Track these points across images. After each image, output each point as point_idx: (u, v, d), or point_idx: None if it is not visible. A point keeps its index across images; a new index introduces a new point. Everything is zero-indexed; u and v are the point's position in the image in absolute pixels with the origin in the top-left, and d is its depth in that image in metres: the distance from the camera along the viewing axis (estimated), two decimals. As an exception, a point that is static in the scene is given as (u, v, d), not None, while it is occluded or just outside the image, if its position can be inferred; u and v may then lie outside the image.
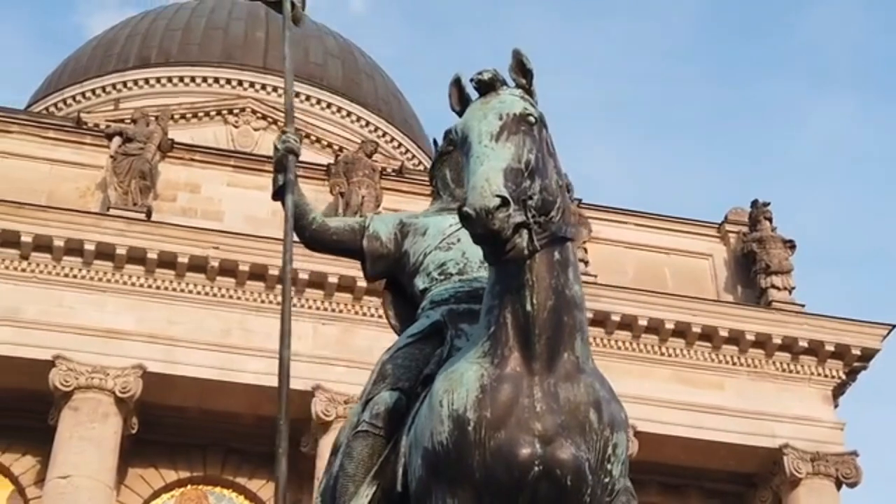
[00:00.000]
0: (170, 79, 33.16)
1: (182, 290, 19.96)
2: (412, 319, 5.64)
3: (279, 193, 5.95)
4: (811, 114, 76.10)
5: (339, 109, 34.43)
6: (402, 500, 4.99)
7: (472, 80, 4.99)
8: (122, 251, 19.72)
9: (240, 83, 33.19)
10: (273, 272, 19.90)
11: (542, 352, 4.79)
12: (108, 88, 33.43)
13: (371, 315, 20.47)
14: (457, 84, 5.07)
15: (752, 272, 23.46)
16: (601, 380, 4.95)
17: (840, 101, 75.52)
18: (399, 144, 35.64)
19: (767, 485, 21.86)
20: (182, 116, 31.08)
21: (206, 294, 19.99)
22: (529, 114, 4.85)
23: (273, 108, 31.79)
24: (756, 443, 21.51)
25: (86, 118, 28.60)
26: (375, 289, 20.67)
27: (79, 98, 33.69)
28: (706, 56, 77.80)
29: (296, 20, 6.66)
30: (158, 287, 19.91)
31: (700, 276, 23.85)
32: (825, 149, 73.88)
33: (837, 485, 21.46)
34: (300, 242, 6.01)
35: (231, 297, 20.01)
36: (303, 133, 31.99)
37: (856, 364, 22.57)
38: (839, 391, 22.73)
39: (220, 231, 20.32)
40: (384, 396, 5.27)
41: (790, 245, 23.64)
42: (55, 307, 19.37)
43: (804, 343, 22.26)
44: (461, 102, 5.03)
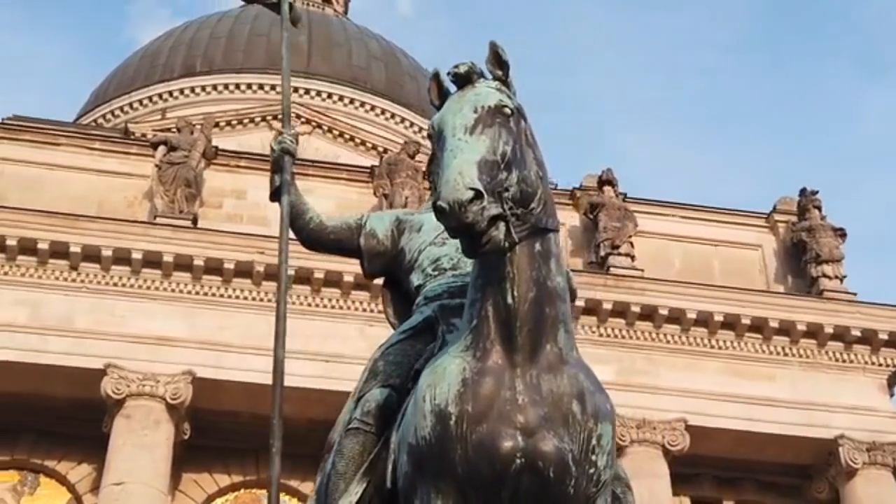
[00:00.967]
0: (215, 87, 33.45)
1: (230, 296, 20.13)
2: (410, 316, 5.63)
3: (276, 194, 5.96)
4: (861, 102, 75.24)
5: (383, 111, 34.54)
6: (393, 497, 4.99)
7: (449, 74, 4.96)
8: (170, 258, 19.92)
9: (284, 89, 33.36)
10: (319, 276, 20.02)
11: (524, 344, 4.77)
12: (155, 98, 33.80)
13: (418, 315, 20.54)
14: (435, 78, 5.04)
15: (803, 262, 23.20)
16: (586, 371, 4.91)
17: (891, 88, 74.50)
18: (443, 145, 35.64)
19: (823, 476, 21.60)
20: (228, 123, 31.33)
21: (254, 299, 20.13)
22: (504, 105, 4.81)
23: (317, 112, 31.97)
24: (810, 434, 21.25)
25: (133, 129, 28.97)
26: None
27: (126, 109, 34.08)
28: (756, 46, 77.12)
29: (294, 21, 6.66)
30: (206, 293, 20.09)
31: (749, 268, 23.61)
32: (875, 136, 72.97)
33: (895, 474, 21.20)
34: (298, 242, 6.02)
35: (276, 302, 20.10)
36: (347, 136, 32.21)
37: (911, 352, 22.26)
38: (895, 380, 22.43)
39: (266, 236, 20.43)
40: (375, 394, 5.27)
41: (840, 233, 23.33)
42: (106, 316, 19.60)
43: (857, 332, 21.97)
44: (440, 97, 5.00)
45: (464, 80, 4.92)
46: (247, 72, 33.72)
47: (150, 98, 33.91)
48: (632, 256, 22.19)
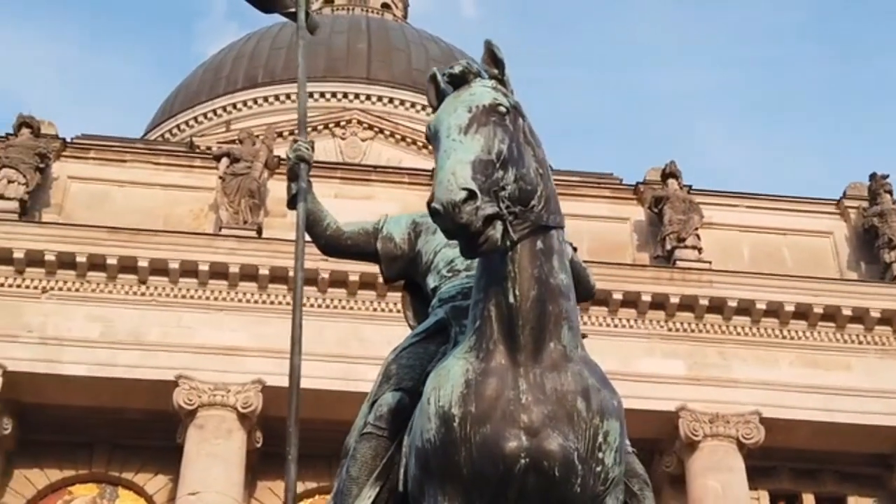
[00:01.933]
0: (277, 97, 33.75)
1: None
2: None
3: (292, 202, 5.92)
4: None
5: (444, 114, 34.54)
6: (406, 500, 4.97)
7: (444, 75, 4.93)
8: (235, 269, 20.10)
9: (345, 95, 33.62)
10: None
11: (527, 343, 4.72)
12: (219, 111, 34.18)
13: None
14: (433, 80, 5.00)
15: (875, 247, 22.77)
16: (591, 367, 4.84)
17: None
18: (506, 143, 35.62)
19: (905, 465, 21.17)
20: (291, 133, 31.57)
21: (320, 306, 20.23)
22: (499, 104, 4.76)
23: (379, 118, 32.10)
24: (891, 423, 20.82)
25: (198, 142, 29.32)
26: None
27: (191, 123, 34.52)
28: (822, 33, 75.89)
29: (311, 28, 6.63)
30: (272, 302, 20.24)
31: (821, 256, 23.21)
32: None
33: (979, 460, 20.75)
34: (316, 248, 5.99)
35: (344, 308, 20.24)
36: (409, 140, 32.28)
37: None
38: (973, 364, 21.89)
39: (330, 243, 20.56)
40: (387, 398, 5.26)
41: (913, 217, 22.84)
42: (175, 328, 19.83)
43: (933, 317, 21.51)
44: (438, 98, 4.95)
45: (459, 81, 4.88)
46: (308, 81, 33.86)
47: (215, 111, 34.32)
48: (699, 249, 21.93)
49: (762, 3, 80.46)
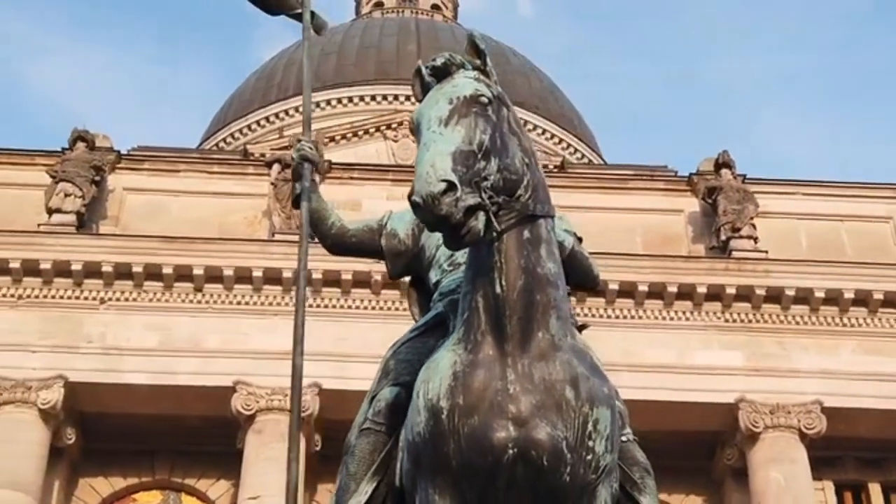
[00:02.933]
0: (328, 101, 33.89)
1: (349, 307, 20.35)
2: None
3: (297, 202, 5.93)
4: None
5: (495, 112, 34.46)
6: (403, 494, 4.97)
7: (427, 68, 4.91)
8: (289, 274, 20.22)
9: (395, 98, 33.67)
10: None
11: (515, 333, 4.70)
12: (272, 118, 34.42)
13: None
14: (418, 74, 4.98)
15: (939, 231, 22.36)
16: (580, 355, 4.80)
17: None
18: (560, 140, 35.47)
19: (973, 451, 20.75)
20: (343, 136, 31.71)
21: (373, 308, 20.31)
22: (481, 94, 4.74)
23: (430, 119, 32.05)
24: (958, 408, 20.42)
25: (252, 149, 29.51)
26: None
27: (245, 131, 34.78)
28: (883, 18, 74.70)
29: (317, 29, 6.61)
30: (326, 305, 20.35)
31: (881, 241, 22.81)
32: None
33: None
34: (323, 247, 5.99)
35: (397, 310, 20.22)
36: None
37: None
38: None
39: (381, 245, 20.61)
40: (385, 393, 5.25)
41: (974, 199, 22.41)
42: (232, 334, 20.00)
43: None
44: (424, 92, 4.93)
45: (442, 73, 4.87)
46: (358, 84, 34.11)
47: (267, 118, 34.55)
48: (754, 238, 21.68)
49: (818, -11, 79.44)
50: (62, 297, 20.36)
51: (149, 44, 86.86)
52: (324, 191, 21.26)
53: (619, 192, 23.29)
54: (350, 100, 34.00)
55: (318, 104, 34.06)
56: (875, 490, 21.14)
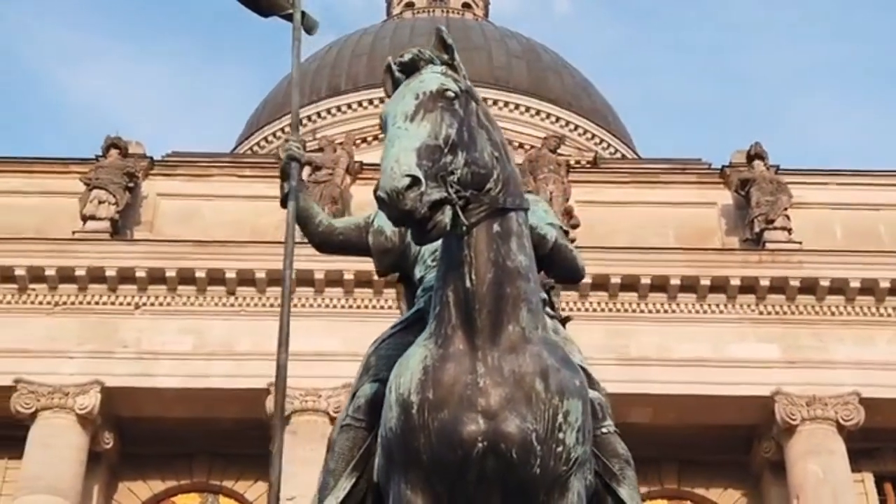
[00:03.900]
0: (360, 103, 33.99)
1: (381, 307, 20.38)
2: None
3: (285, 201, 5.94)
4: None
5: (527, 109, 34.46)
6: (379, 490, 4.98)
7: (396, 64, 4.92)
8: (321, 275, 20.30)
9: (427, 97, 33.66)
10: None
11: (485, 326, 4.72)
12: (304, 121, 34.51)
13: (569, 310, 20.43)
14: (388, 70, 4.99)
15: (975, 218, 22.05)
16: (552, 348, 4.81)
17: None
18: (592, 136, 35.36)
19: None
20: (375, 138, 31.75)
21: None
22: (447, 89, 4.74)
23: (461, 118, 32.06)
24: None
25: (285, 153, 29.60)
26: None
27: (278, 134, 34.94)
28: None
29: (308, 29, 6.66)
30: (358, 306, 20.41)
31: (918, 230, 22.54)
32: None
33: None
34: (311, 246, 6.01)
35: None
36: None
37: None
38: None
39: (413, 244, 20.63)
40: (365, 389, 5.28)
41: None
42: (265, 337, 19.92)
43: None
44: (394, 87, 4.94)
45: (411, 69, 4.88)
46: (391, 86, 34.06)
47: (300, 120, 34.69)
48: (788, 230, 21.51)
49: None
50: (97, 303, 20.56)
51: (186, 49, 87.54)
52: (354, 192, 21.47)
53: (652, 187, 23.18)
54: (381, 100, 33.73)
55: (350, 106, 34.20)
56: (916, 481, 20.92)
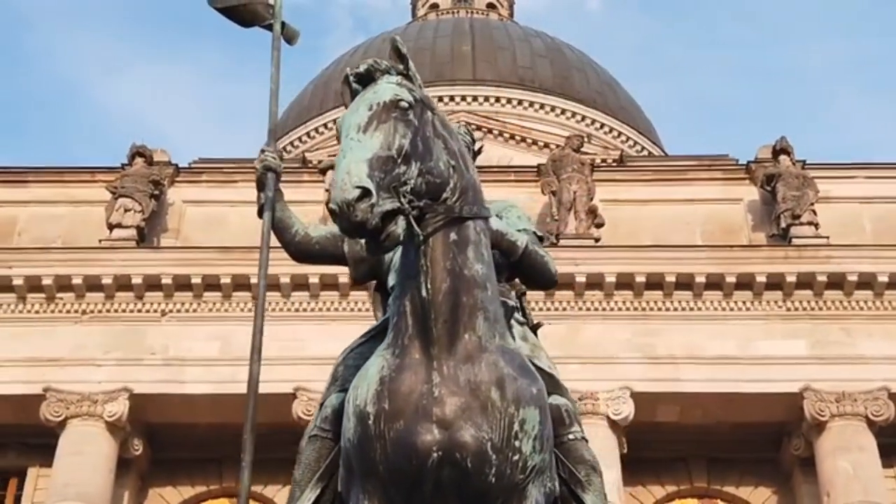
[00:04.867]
0: (384, 106, 33.98)
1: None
2: None
3: (261, 211, 5.99)
4: None
5: (553, 108, 34.37)
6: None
7: (352, 76, 4.92)
8: (345, 279, 20.27)
9: (451, 98, 33.67)
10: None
11: (441, 336, 4.72)
12: (329, 125, 34.60)
13: (594, 309, 20.43)
14: (346, 81, 5.01)
15: None
16: (509, 356, 4.79)
17: None
18: (619, 133, 35.23)
19: None
20: (399, 140, 31.72)
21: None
22: (401, 99, 4.75)
23: (486, 118, 32.04)
24: None
25: (311, 157, 29.67)
26: (598, 283, 20.55)
27: (304, 138, 35.04)
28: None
29: (289, 39, 6.69)
30: (368, 309, 20.37)
31: (948, 222, 22.27)
32: None
33: None
34: (288, 255, 6.07)
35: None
36: (518, 137, 32.16)
37: None
38: None
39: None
40: (332, 399, 5.31)
41: None
42: (290, 341, 20.12)
43: None
44: (353, 98, 4.97)
45: (367, 80, 4.91)
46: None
47: (325, 125, 34.76)
48: (815, 224, 21.33)
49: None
50: (124, 311, 20.70)
51: (212, 56, 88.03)
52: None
53: (677, 184, 23.05)
54: (408, 103, 34.05)
55: (375, 108, 34.19)
56: (950, 476, 20.65)
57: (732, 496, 20.83)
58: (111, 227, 21.47)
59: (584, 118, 34.39)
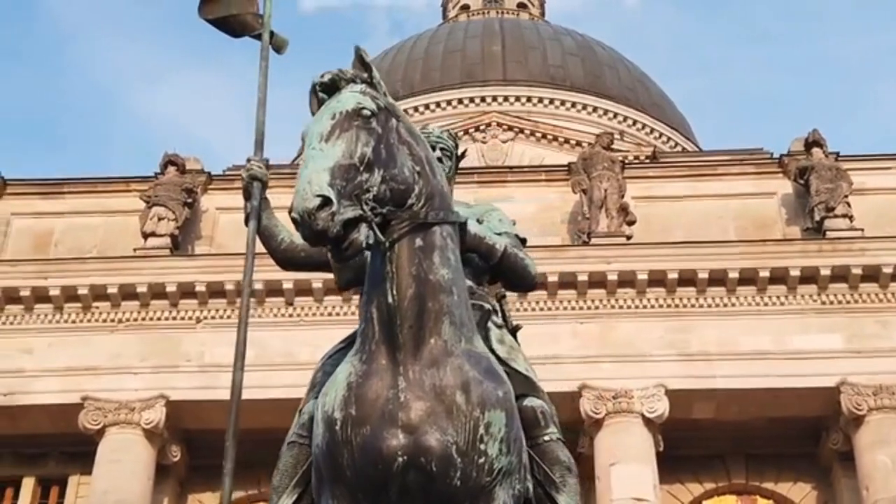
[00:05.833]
0: (416, 108, 34.11)
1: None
2: None
3: (247, 220, 6.05)
4: None
5: (584, 107, 34.30)
6: None
7: (317, 85, 4.95)
8: (373, 284, 20.39)
9: (482, 100, 33.72)
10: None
11: (407, 341, 4.75)
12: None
13: (627, 307, 20.36)
14: (313, 91, 5.03)
15: None
16: (475, 360, 4.81)
17: None
18: (651, 130, 35.10)
19: None
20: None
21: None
22: (363, 107, 4.76)
23: (517, 118, 32.05)
24: None
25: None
26: (630, 281, 20.47)
27: (336, 143, 35.16)
28: None
29: (279, 48, 6.73)
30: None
31: None
32: None
33: None
34: (274, 262, 6.14)
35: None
36: (550, 136, 32.13)
37: None
38: None
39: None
40: (309, 406, 5.34)
41: None
42: (324, 347, 19.99)
43: None
44: (320, 107, 4.98)
45: (332, 89, 4.93)
46: (446, 88, 34.26)
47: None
48: (849, 217, 21.13)
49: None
50: (160, 319, 20.88)
51: (245, 63, 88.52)
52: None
53: (710, 179, 22.93)
54: (438, 105, 34.19)
55: (406, 111, 34.28)
56: None
57: (772, 492, 20.70)
58: (145, 236, 21.64)
59: (617, 115, 34.30)
